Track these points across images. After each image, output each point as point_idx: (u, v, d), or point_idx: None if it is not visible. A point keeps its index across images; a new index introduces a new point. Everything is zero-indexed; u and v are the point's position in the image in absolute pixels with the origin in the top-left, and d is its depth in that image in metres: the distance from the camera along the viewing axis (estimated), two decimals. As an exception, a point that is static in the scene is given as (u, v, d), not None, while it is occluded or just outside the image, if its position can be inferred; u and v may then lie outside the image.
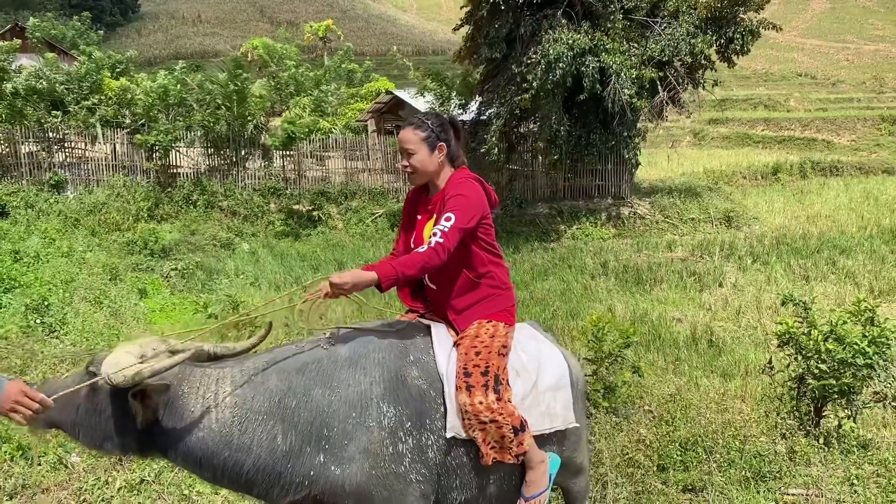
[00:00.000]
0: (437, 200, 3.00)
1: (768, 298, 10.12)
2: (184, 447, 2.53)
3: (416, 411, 2.68)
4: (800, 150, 31.75)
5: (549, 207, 18.45)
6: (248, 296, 10.37)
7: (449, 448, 2.73)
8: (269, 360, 2.71)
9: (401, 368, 2.73)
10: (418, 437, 2.66)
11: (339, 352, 2.73)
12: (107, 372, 2.39)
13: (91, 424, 2.52)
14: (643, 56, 16.10)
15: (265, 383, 2.61)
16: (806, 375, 5.18)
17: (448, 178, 3.03)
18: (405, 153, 2.98)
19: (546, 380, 3.01)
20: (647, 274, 11.88)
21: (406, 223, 3.21)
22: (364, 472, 2.54)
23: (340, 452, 2.54)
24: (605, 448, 4.73)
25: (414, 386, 2.72)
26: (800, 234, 15.21)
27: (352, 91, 31.30)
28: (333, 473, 2.53)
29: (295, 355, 2.72)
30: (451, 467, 2.76)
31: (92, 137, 18.40)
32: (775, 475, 4.58)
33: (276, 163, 19.35)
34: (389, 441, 2.59)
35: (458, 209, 2.82)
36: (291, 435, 2.55)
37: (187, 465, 2.61)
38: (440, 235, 2.75)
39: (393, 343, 2.81)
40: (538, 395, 2.96)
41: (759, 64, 55.17)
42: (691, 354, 7.69)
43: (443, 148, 2.98)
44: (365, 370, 2.68)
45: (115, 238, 14.89)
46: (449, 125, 3.04)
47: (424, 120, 2.98)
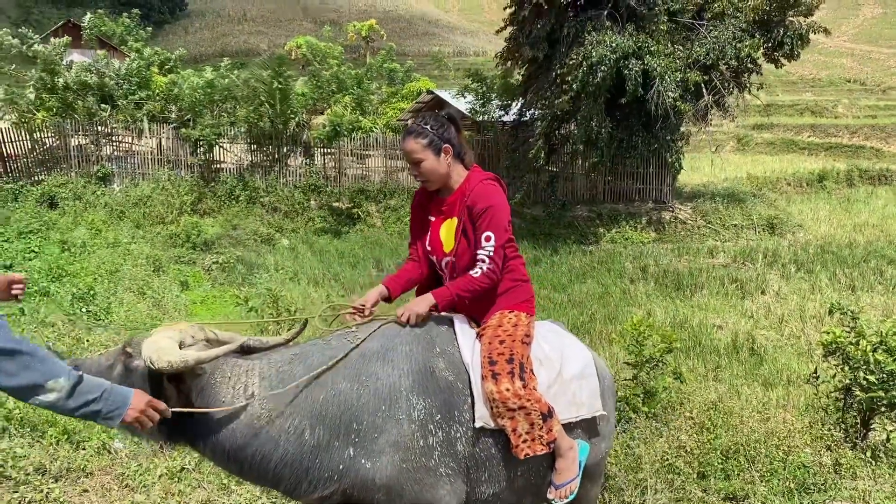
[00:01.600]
0: (455, 201, 3.00)
1: (812, 307, 9.91)
2: (213, 437, 2.53)
3: (445, 403, 2.68)
4: (847, 157, 31.02)
5: (589, 210, 18.31)
6: (287, 290, 10.48)
7: (477, 439, 2.73)
8: (297, 353, 2.71)
9: (428, 360, 2.73)
10: (447, 429, 2.65)
11: (367, 345, 2.73)
12: (149, 355, 2.40)
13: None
14: (688, 59, 15.88)
15: (294, 377, 2.61)
16: (853, 386, 5.06)
17: (463, 178, 3.02)
18: (413, 163, 2.96)
19: (570, 368, 3.01)
20: (688, 280, 11.72)
21: (417, 226, 3.19)
22: (395, 465, 2.54)
23: (370, 446, 2.54)
24: (645, 453, 4.67)
25: (442, 377, 2.72)
26: (846, 243, 14.86)
27: (393, 90, 31.45)
28: (364, 467, 2.52)
29: (322, 349, 2.72)
30: (479, 459, 2.75)
31: (139, 132, 18.79)
32: (820, 487, 4.48)
33: (317, 160, 19.54)
34: (420, 434, 2.59)
35: (495, 226, 2.88)
36: (320, 429, 2.54)
37: (215, 456, 2.61)
38: (488, 261, 2.86)
39: (419, 335, 2.81)
40: (563, 384, 2.96)
41: (807, 69, 54.08)
42: (732, 362, 7.57)
43: (448, 149, 2.95)
44: (393, 363, 2.68)
45: (159, 230, 15.18)
46: (448, 123, 3.01)
47: (423, 126, 2.94)
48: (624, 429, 5.06)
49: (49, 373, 2.07)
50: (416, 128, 2.95)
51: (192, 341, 2.57)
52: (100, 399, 2.18)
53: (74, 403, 2.11)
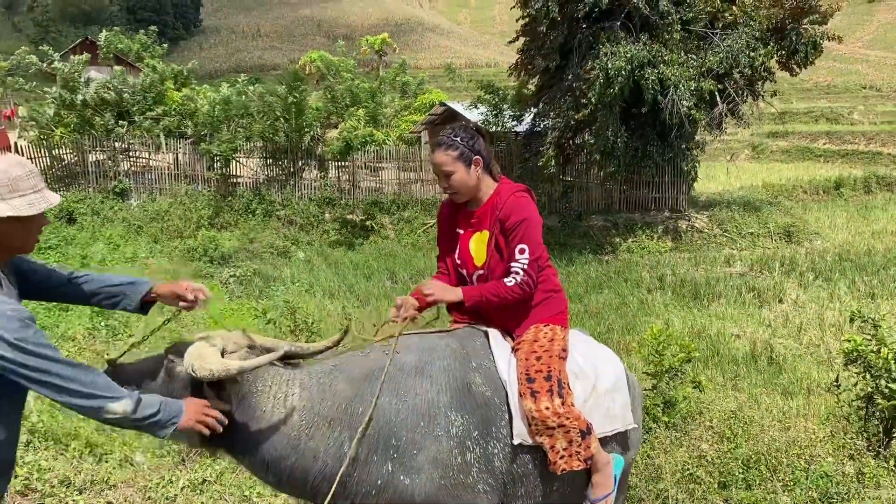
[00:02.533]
0: (484, 214, 2.97)
1: (831, 316, 9.82)
2: (252, 447, 2.52)
3: (483, 419, 2.66)
4: (864, 164, 30.79)
5: (604, 220, 18.28)
6: (303, 302, 10.52)
7: (515, 456, 2.71)
8: (336, 365, 2.71)
9: (465, 375, 2.71)
10: (485, 445, 2.63)
11: (404, 359, 2.71)
12: (191, 363, 2.40)
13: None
14: (701, 68, 15.87)
15: (333, 389, 2.61)
16: (875, 395, 5.01)
17: (493, 190, 3.00)
18: (443, 176, 2.93)
19: (604, 381, 2.98)
20: (705, 289, 11.65)
21: (445, 239, 3.16)
22: (433, 482, 2.51)
23: (409, 462, 2.51)
24: (665, 463, 4.65)
25: (479, 393, 2.70)
26: (864, 251, 14.73)
27: (406, 103, 31.62)
28: (402, 483, 2.50)
29: (361, 362, 2.72)
30: (516, 475, 2.73)
31: (156, 147, 19.00)
32: (843, 497, 4.44)
33: (331, 173, 19.66)
34: (458, 451, 2.56)
35: (529, 239, 2.85)
36: (358, 443, 2.54)
37: (253, 466, 2.60)
38: (523, 274, 2.83)
39: (455, 350, 2.80)
40: (598, 398, 2.93)
41: (821, 76, 53.81)
42: (751, 371, 7.52)
43: (479, 161, 2.93)
44: (431, 378, 2.66)
45: (177, 245, 15.30)
46: (477, 134, 2.98)
47: (454, 138, 2.90)
48: (644, 439, 5.04)
49: (116, 391, 2.21)
50: (446, 140, 2.91)
51: (235, 348, 2.58)
52: (159, 411, 2.27)
53: (139, 415, 2.22)
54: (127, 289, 2.64)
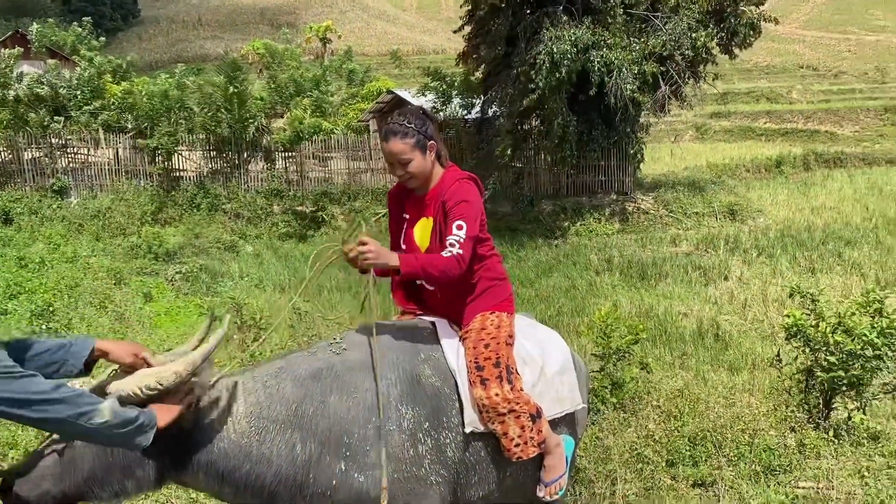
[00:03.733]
0: (431, 199, 2.94)
1: (774, 291, 10.08)
2: (206, 461, 2.43)
3: (433, 410, 2.66)
4: (803, 142, 31.63)
5: (553, 204, 18.40)
6: (252, 298, 10.36)
7: (467, 444, 2.72)
8: (282, 366, 2.65)
9: (414, 368, 2.70)
10: (437, 436, 2.64)
11: (352, 356, 2.69)
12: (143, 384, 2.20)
13: (108, 469, 2.30)
14: (644, 51, 16.04)
15: (280, 391, 2.54)
16: (814, 368, 5.16)
17: (440, 176, 2.96)
18: (399, 164, 2.85)
19: (552, 365, 3.01)
20: (652, 269, 11.83)
21: (395, 225, 3.13)
22: (387, 477, 2.50)
23: (363, 459, 2.49)
24: (614, 444, 4.71)
25: (429, 384, 2.70)
26: (805, 227, 15.15)
27: (352, 91, 31.29)
28: (357, 481, 2.48)
29: (307, 361, 2.67)
30: (469, 464, 2.74)
31: (94, 142, 18.43)
32: (786, 469, 4.56)
33: (278, 164, 19.35)
34: (410, 444, 2.56)
35: (468, 217, 2.80)
36: (310, 443, 2.49)
37: (208, 482, 2.48)
38: (458, 247, 2.74)
39: (403, 343, 2.79)
40: (547, 381, 2.96)
41: (761, 57, 55.01)
42: (698, 349, 7.66)
43: (433, 146, 2.90)
44: (381, 372, 2.64)
45: (120, 242, 14.89)
46: (427, 119, 2.93)
47: (407, 125, 2.83)
48: (593, 420, 5.10)
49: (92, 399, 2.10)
50: (400, 128, 2.83)
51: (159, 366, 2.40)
52: (139, 415, 2.17)
53: (122, 418, 2.12)
54: (66, 354, 2.41)
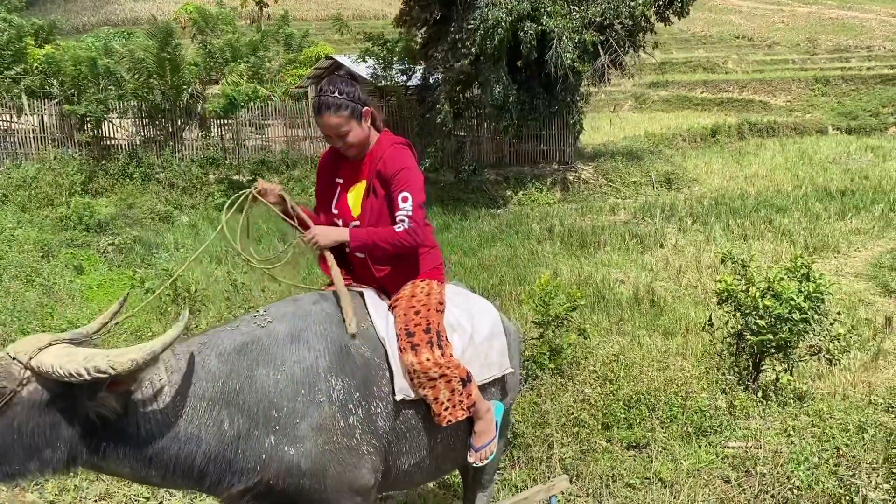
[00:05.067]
0: (366, 165, 2.91)
1: (708, 258, 10.35)
2: (131, 445, 2.31)
3: (363, 380, 2.63)
4: (737, 111, 32.38)
5: (496, 174, 18.44)
6: (188, 270, 10.11)
7: (397, 413, 2.71)
8: (205, 342, 2.56)
9: (342, 338, 2.66)
10: (367, 406, 2.61)
11: (278, 328, 2.62)
12: (91, 365, 2.08)
13: (10, 446, 2.15)
14: (584, 20, 16.07)
15: (205, 367, 2.46)
16: (744, 332, 5.32)
17: (375, 140, 2.93)
18: (337, 136, 2.80)
19: (480, 331, 3.03)
20: (592, 237, 12.00)
21: (323, 190, 3.07)
22: (318, 448, 2.47)
23: (292, 432, 2.44)
24: (552, 409, 4.77)
25: (358, 355, 2.67)
26: (738, 195, 15.57)
27: (290, 57, 30.59)
28: (287, 454, 2.44)
29: (231, 336, 2.59)
30: (400, 432, 2.74)
31: (17, 109, 17.58)
32: (716, 429, 4.71)
33: (213, 132, 18.83)
34: (340, 414, 2.53)
35: (411, 186, 2.79)
36: (239, 419, 2.42)
37: (134, 468, 2.36)
38: (408, 221, 2.75)
39: (331, 314, 2.73)
40: (475, 347, 2.98)
41: (698, 27, 55.80)
42: (634, 314, 7.82)
43: (368, 113, 2.85)
44: (308, 344, 2.59)
45: (48, 213, 14.32)
46: (356, 83, 2.86)
47: (339, 97, 2.75)
48: (531, 386, 5.16)
49: None
50: (332, 100, 2.75)
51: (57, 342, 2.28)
52: None
53: None
54: None
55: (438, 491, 4.20)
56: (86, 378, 2.09)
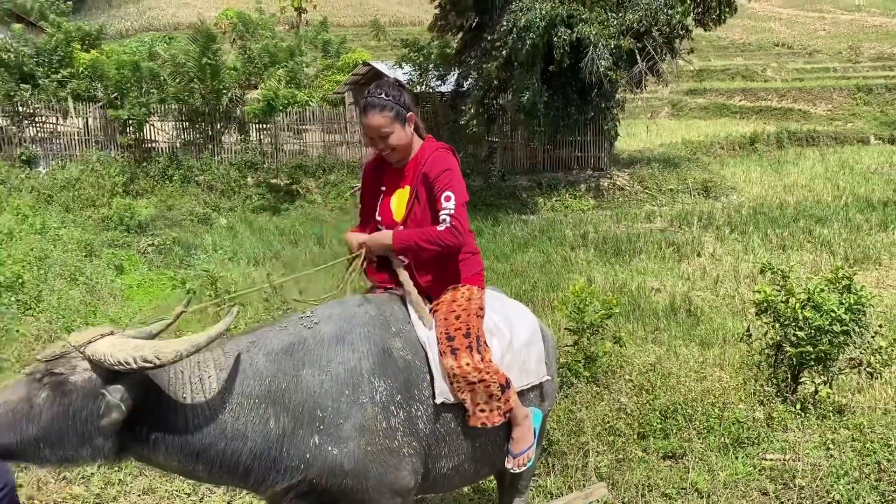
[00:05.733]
0: (409, 170, 2.96)
1: (746, 268, 10.21)
2: (180, 439, 2.38)
3: (405, 383, 2.67)
4: (777, 120, 31.89)
5: (529, 179, 18.42)
6: (226, 271, 10.28)
7: (437, 416, 2.74)
8: (253, 341, 2.62)
9: (385, 341, 2.71)
10: (408, 408, 2.65)
11: (324, 329, 2.67)
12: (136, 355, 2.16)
13: (64, 432, 2.22)
14: (621, 26, 16.00)
15: (253, 366, 2.52)
16: (783, 343, 5.25)
17: (419, 147, 2.98)
18: (380, 138, 2.86)
19: (519, 337, 3.05)
20: (627, 245, 11.92)
21: (369, 196, 3.12)
22: (361, 449, 2.51)
23: (336, 432, 2.49)
24: (587, 417, 4.77)
25: (400, 357, 2.71)
26: (777, 204, 15.34)
27: (328, 63, 30.88)
28: (331, 454, 2.48)
29: (279, 336, 2.65)
30: (440, 435, 2.77)
31: (63, 112, 18.04)
32: (754, 441, 4.66)
33: (252, 136, 19.12)
34: (382, 416, 2.57)
35: (454, 186, 2.84)
36: (284, 418, 2.47)
37: (182, 461, 2.43)
38: (451, 219, 2.79)
39: (374, 316, 2.78)
40: (514, 353, 3.00)
41: (737, 34, 55.15)
42: (670, 324, 7.75)
43: (412, 118, 2.90)
44: (353, 346, 2.64)
45: (90, 214, 14.67)
46: (403, 90, 2.92)
47: (385, 98, 2.82)
48: (566, 394, 5.15)
49: None
50: (378, 101, 2.82)
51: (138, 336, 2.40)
52: None
53: None
54: None
55: (473, 495, 4.22)
56: (133, 367, 2.17)
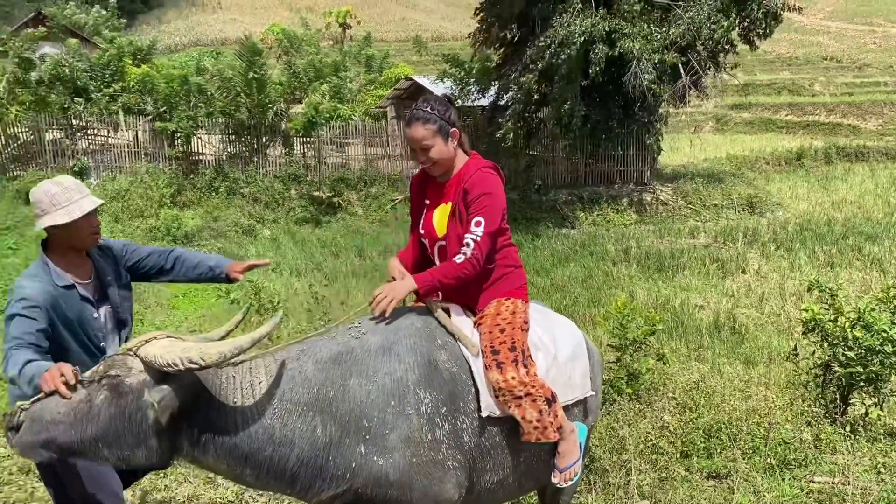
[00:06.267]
0: (452, 186, 2.97)
1: (792, 285, 10.00)
2: (229, 442, 2.43)
3: (450, 395, 2.68)
4: (825, 135, 31.26)
5: (570, 193, 18.33)
6: (269, 281, 10.43)
7: (482, 429, 2.75)
8: (302, 349, 2.68)
9: (431, 353, 2.73)
10: (453, 421, 2.66)
11: (371, 340, 2.71)
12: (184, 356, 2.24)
13: (121, 432, 2.30)
14: (665, 40, 15.88)
15: (303, 373, 2.57)
16: (832, 363, 5.14)
17: (463, 164, 2.99)
18: (421, 150, 2.89)
19: (564, 351, 3.04)
20: (670, 260, 11.78)
21: (416, 210, 3.17)
22: (406, 460, 2.53)
23: (382, 442, 2.52)
24: (629, 435, 4.71)
25: (445, 370, 2.72)
26: (824, 221, 15.00)
27: (371, 77, 31.23)
28: (376, 464, 2.51)
29: (328, 345, 2.70)
30: (484, 449, 2.77)
31: (114, 125, 18.56)
32: (801, 463, 4.55)
33: (296, 149, 19.42)
34: (427, 428, 2.58)
35: (487, 213, 2.83)
36: (331, 426, 2.51)
37: (230, 465, 2.48)
38: (473, 246, 2.80)
39: (420, 328, 2.81)
40: (559, 367, 2.99)
41: (784, 48, 54.33)
42: (714, 341, 7.63)
43: (456, 133, 2.92)
44: (399, 357, 2.66)
45: (139, 224, 15.03)
46: (450, 105, 2.96)
47: (430, 111, 2.86)
48: (608, 411, 5.11)
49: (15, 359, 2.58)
50: (423, 114, 2.86)
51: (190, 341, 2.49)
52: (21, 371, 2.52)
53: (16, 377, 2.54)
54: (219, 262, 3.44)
55: (513, 510, 4.20)
56: (180, 368, 2.24)
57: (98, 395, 2.31)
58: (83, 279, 3.05)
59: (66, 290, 2.93)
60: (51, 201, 2.88)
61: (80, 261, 3.07)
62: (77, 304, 2.95)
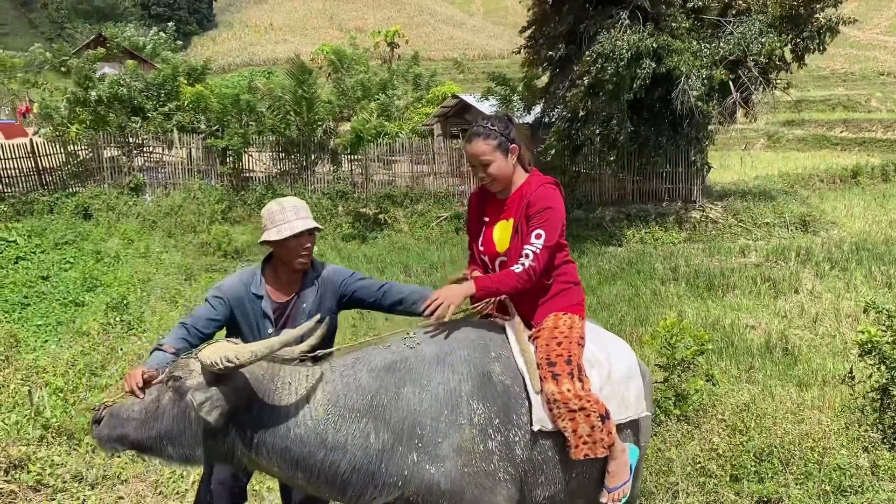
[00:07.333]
0: (513, 202, 3.00)
1: (847, 306, 9.73)
2: (281, 445, 2.51)
3: (503, 407, 2.69)
4: (882, 152, 30.35)
5: (617, 211, 18.15)
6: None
7: (534, 443, 2.74)
8: (358, 357, 2.73)
9: (485, 365, 2.74)
10: (506, 433, 2.66)
11: (425, 350, 2.75)
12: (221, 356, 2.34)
13: (182, 432, 2.47)
14: (714, 56, 15.67)
15: (357, 381, 2.62)
16: (890, 387, 4.97)
17: (523, 180, 3.02)
18: (481, 165, 2.93)
19: (618, 369, 3.01)
20: (720, 279, 11.56)
21: (474, 226, 3.19)
22: (458, 470, 2.54)
23: (434, 451, 2.53)
24: (676, 456, 4.62)
25: (499, 382, 2.73)
26: (881, 240, 14.56)
27: (418, 95, 31.50)
28: (428, 472, 2.52)
29: (382, 354, 2.74)
30: (536, 463, 2.75)
31: (169, 142, 19.09)
32: (857, 489, 4.40)
33: (343, 167, 19.67)
34: (480, 438, 2.59)
35: (548, 226, 2.86)
36: (384, 433, 2.54)
37: (283, 466, 2.55)
38: (532, 258, 2.83)
39: (474, 340, 2.83)
40: (613, 385, 2.96)
41: (838, 63, 53.18)
42: (765, 363, 7.46)
43: (515, 150, 2.96)
44: (453, 368, 2.68)
45: (190, 239, 15.39)
46: (511, 123, 3.00)
47: (491, 128, 2.92)
48: (655, 432, 5.02)
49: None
50: (483, 130, 2.92)
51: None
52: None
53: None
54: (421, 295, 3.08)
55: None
56: (220, 367, 2.34)
57: (164, 395, 2.49)
58: (279, 297, 3.15)
59: (255, 297, 3.10)
60: (270, 219, 3.02)
61: (289, 279, 3.15)
62: (258, 314, 3.10)
